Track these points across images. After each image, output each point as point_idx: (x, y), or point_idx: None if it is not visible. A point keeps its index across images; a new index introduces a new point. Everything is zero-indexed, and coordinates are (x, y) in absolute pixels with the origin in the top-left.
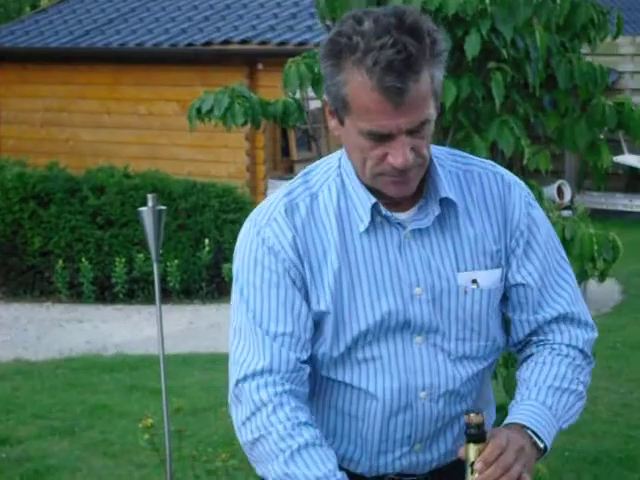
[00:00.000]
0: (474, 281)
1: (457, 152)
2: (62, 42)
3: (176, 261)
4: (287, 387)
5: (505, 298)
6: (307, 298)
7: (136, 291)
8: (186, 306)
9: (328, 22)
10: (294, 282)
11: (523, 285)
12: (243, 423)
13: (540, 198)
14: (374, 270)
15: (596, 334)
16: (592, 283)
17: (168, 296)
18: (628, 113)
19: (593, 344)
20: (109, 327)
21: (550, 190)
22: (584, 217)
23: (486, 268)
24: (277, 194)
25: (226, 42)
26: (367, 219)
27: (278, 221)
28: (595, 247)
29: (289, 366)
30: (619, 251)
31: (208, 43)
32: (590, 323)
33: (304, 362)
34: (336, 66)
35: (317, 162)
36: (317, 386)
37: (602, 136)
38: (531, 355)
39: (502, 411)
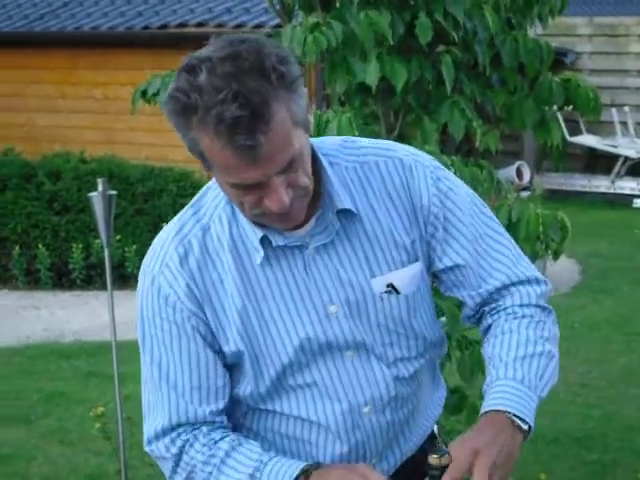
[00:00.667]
0: (390, 285)
1: (350, 140)
2: (16, 26)
3: (134, 246)
4: (197, 426)
5: (443, 282)
6: (214, 344)
7: (94, 277)
8: None
9: (277, 6)
10: (197, 331)
11: (456, 266)
12: (171, 475)
13: (491, 177)
14: (283, 298)
15: (549, 286)
16: (550, 263)
17: (127, 281)
18: (575, 89)
19: (547, 296)
20: (67, 313)
21: (509, 171)
22: (536, 198)
23: (403, 265)
24: (170, 230)
25: (182, 25)
26: (261, 252)
27: (170, 267)
28: (541, 228)
29: (199, 420)
30: (567, 231)
31: (164, 26)
32: (540, 278)
33: (219, 413)
34: (183, 124)
35: (207, 185)
36: (256, 419)
37: (559, 116)
38: (489, 328)
39: (457, 393)
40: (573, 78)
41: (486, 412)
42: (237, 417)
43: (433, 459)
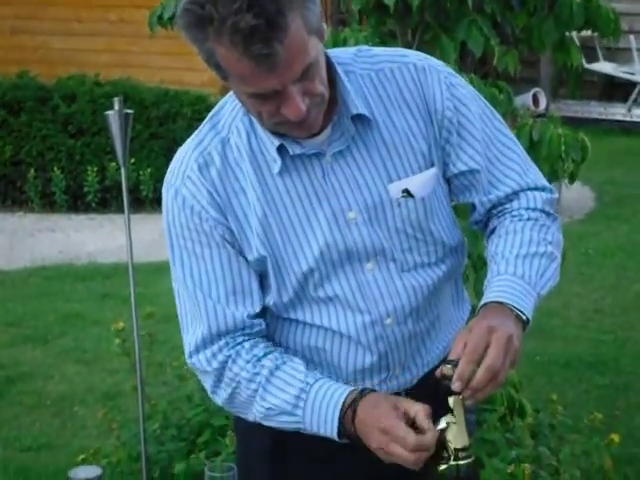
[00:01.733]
0: (405, 190)
1: (364, 49)
2: None
3: (149, 170)
4: (239, 339)
5: (455, 187)
6: (242, 251)
7: (109, 200)
8: (159, 215)
9: None
10: (224, 239)
11: (469, 171)
12: (213, 391)
13: (509, 99)
14: (302, 206)
15: (555, 195)
16: (565, 190)
17: (141, 205)
18: (596, 10)
19: (554, 203)
20: (82, 236)
21: (525, 98)
22: (556, 120)
23: (420, 170)
24: (188, 146)
25: None
26: (279, 161)
27: (192, 179)
28: (563, 147)
29: (238, 325)
30: (588, 151)
31: None
32: (547, 186)
33: (256, 316)
34: (198, 36)
35: (224, 99)
36: (280, 329)
37: (576, 40)
38: (494, 229)
39: (472, 314)
40: (595, 0)
41: (486, 304)
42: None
43: (447, 369)
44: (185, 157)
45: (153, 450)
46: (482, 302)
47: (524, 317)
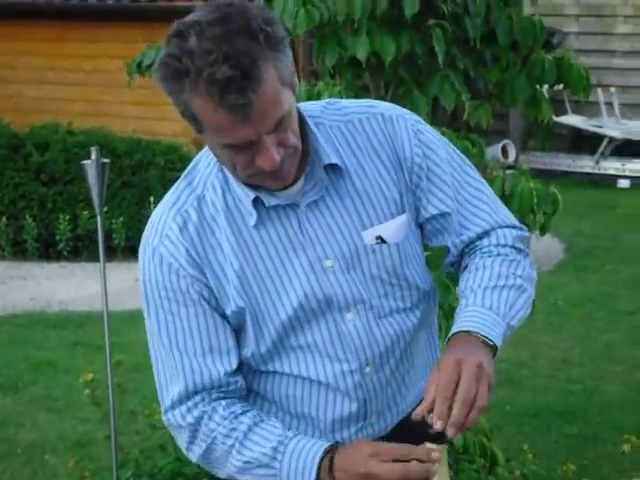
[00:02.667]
0: (379, 237)
1: (332, 102)
2: None
3: (121, 218)
4: (215, 396)
5: (428, 231)
6: (219, 307)
7: (81, 248)
8: (132, 263)
9: None
10: (201, 295)
11: (441, 214)
12: (187, 447)
13: (481, 152)
14: (279, 256)
15: (526, 233)
16: (534, 241)
17: (113, 253)
18: (567, 68)
19: (525, 241)
20: (53, 284)
21: (495, 150)
22: (525, 173)
23: (392, 216)
24: (165, 204)
25: None
26: (254, 214)
27: (171, 237)
28: (535, 200)
29: (214, 383)
30: (559, 204)
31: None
32: (517, 224)
33: (233, 373)
34: (175, 88)
35: (198, 156)
36: (260, 381)
37: (547, 95)
38: (466, 267)
39: None
40: (566, 56)
41: (453, 334)
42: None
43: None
44: (163, 216)
45: None
46: (450, 334)
47: (491, 343)
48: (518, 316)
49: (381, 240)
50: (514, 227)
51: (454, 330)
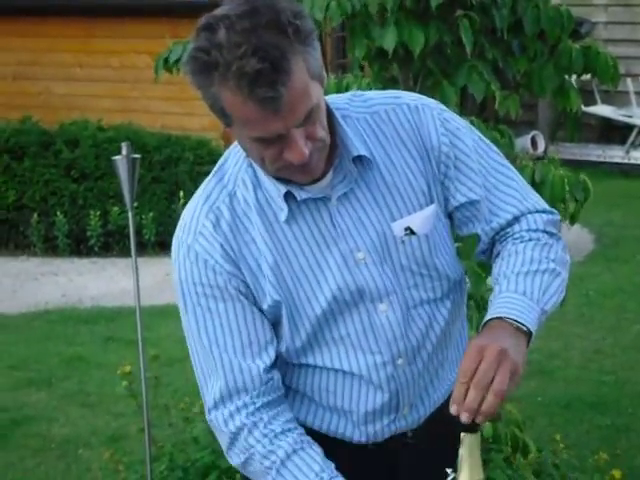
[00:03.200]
0: (408, 228)
1: (358, 94)
2: None
3: (151, 213)
4: (258, 403)
5: (458, 219)
6: (256, 300)
7: (111, 244)
8: (162, 258)
9: None
10: (239, 291)
11: (470, 202)
12: (226, 451)
13: (510, 143)
14: (312, 251)
15: (557, 216)
16: (565, 231)
17: (143, 249)
18: (595, 56)
19: (557, 224)
20: (84, 280)
21: (524, 141)
22: (555, 162)
23: (420, 207)
24: (197, 201)
25: None
26: (285, 209)
27: (205, 235)
28: (566, 187)
29: (255, 381)
30: (590, 192)
31: None
32: (548, 209)
33: (271, 368)
34: (204, 82)
35: (227, 152)
36: (294, 375)
37: (575, 85)
38: (498, 253)
39: None
40: (593, 45)
41: (487, 321)
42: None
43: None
44: (195, 213)
45: None
46: (485, 319)
47: (524, 328)
48: (552, 300)
49: (410, 231)
50: (544, 211)
51: (487, 317)
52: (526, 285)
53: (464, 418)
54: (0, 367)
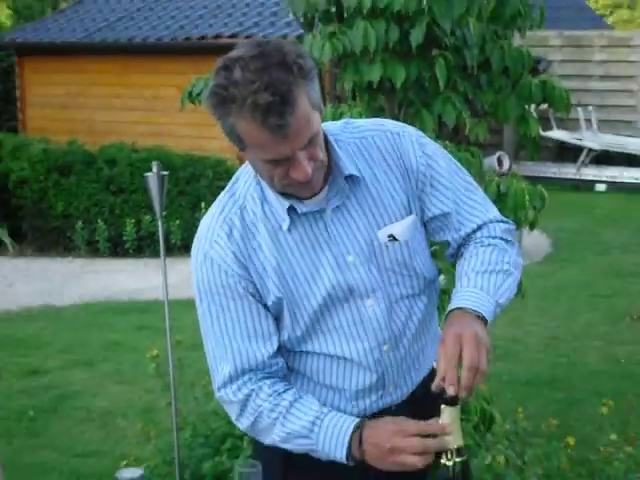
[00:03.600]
0: (391, 235)
1: (349, 122)
2: (78, 37)
3: (177, 221)
4: (261, 376)
5: (432, 228)
6: (261, 299)
7: (144, 247)
8: (186, 259)
9: (301, 19)
10: (247, 290)
11: (442, 214)
12: (237, 419)
13: (479, 162)
14: (309, 254)
15: (512, 226)
16: (526, 236)
17: (171, 251)
18: (550, 89)
19: (512, 233)
20: (121, 277)
21: (491, 160)
22: (517, 177)
23: (402, 217)
24: (212, 214)
25: (218, 37)
26: (287, 220)
27: (219, 243)
28: (526, 197)
29: (259, 364)
30: (546, 201)
31: (203, 37)
32: (505, 219)
33: (275, 355)
34: (223, 114)
35: (238, 172)
36: (295, 360)
37: (534, 113)
38: (461, 255)
39: None
40: (549, 80)
41: (451, 311)
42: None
43: (437, 384)
44: (211, 224)
45: (185, 455)
46: (447, 310)
47: (482, 316)
48: (505, 295)
49: (393, 238)
50: (502, 222)
51: (451, 307)
52: (483, 282)
53: (463, 395)
54: (52, 351)
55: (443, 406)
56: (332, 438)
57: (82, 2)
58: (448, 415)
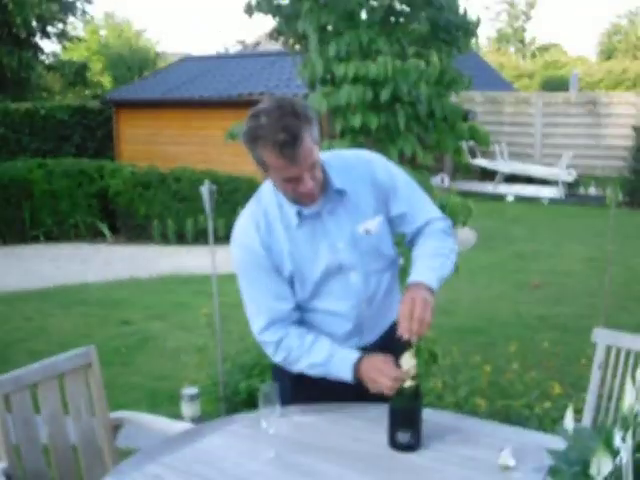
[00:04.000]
0: (366, 229)
1: (336, 152)
2: (156, 95)
3: (222, 220)
4: (286, 324)
5: (394, 224)
6: (279, 271)
7: (199, 238)
8: (228, 246)
9: (306, 81)
10: (271, 266)
11: (401, 214)
12: (273, 354)
13: (428, 180)
14: (312, 244)
15: (450, 222)
16: (460, 232)
17: (218, 241)
18: (476, 131)
19: (450, 227)
20: (184, 259)
21: (436, 179)
22: (454, 193)
23: (373, 217)
24: (245, 215)
25: (250, 94)
26: (296, 220)
27: (250, 235)
28: (458, 208)
29: (284, 316)
30: (471, 210)
31: (240, 95)
32: (445, 217)
33: (294, 309)
34: (253, 147)
35: (261, 187)
36: (303, 313)
37: (465, 147)
38: (415, 243)
39: None
40: (475, 125)
41: (410, 284)
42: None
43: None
44: (244, 223)
45: (227, 379)
46: (408, 282)
47: (430, 286)
48: (446, 272)
49: (367, 231)
50: (443, 219)
51: (409, 281)
52: (430, 263)
53: (414, 339)
54: (137, 308)
55: (406, 353)
56: (341, 366)
57: (159, 72)
58: (408, 354)
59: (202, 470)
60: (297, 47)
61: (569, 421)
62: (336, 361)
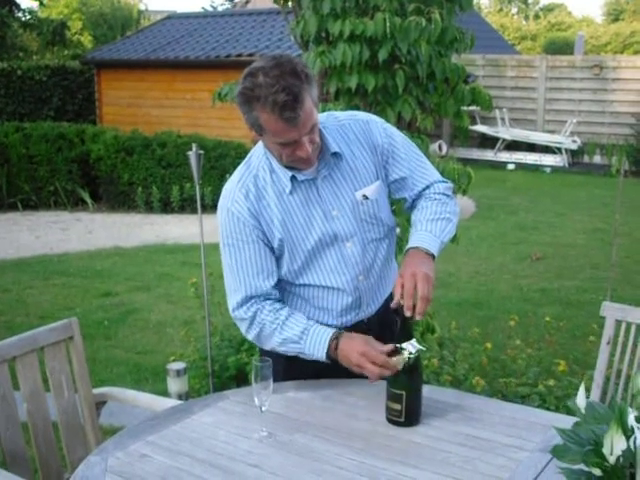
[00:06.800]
0: (364, 195)
1: (331, 114)
2: (139, 56)
3: (209, 187)
4: (262, 299)
5: (393, 189)
6: (268, 243)
7: (185, 206)
8: (214, 215)
9: (299, 40)
10: (258, 237)
11: (400, 178)
12: (246, 331)
13: (426, 146)
14: (305, 211)
15: (451, 184)
16: (459, 200)
17: (204, 209)
18: (478, 94)
19: (451, 190)
20: (169, 227)
21: (433, 146)
22: (452, 159)
23: (371, 182)
24: (232, 181)
25: (239, 55)
26: (289, 186)
27: (238, 202)
28: (457, 175)
29: (263, 293)
30: (472, 178)
31: (228, 56)
32: (446, 180)
33: (274, 287)
34: (249, 108)
35: (252, 151)
36: (295, 289)
37: (465, 111)
38: (415, 207)
39: None
40: (477, 87)
41: (409, 249)
42: (283, 290)
43: (397, 304)
44: (232, 188)
45: (215, 353)
46: (406, 248)
47: (431, 253)
48: (447, 237)
49: (365, 197)
50: (444, 182)
51: (409, 246)
52: (431, 227)
53: (418, 318)
54: (120, 279)
55: (405, 343)
56: (316, 344)
57: (142, 31)
58: (407, 326)
59: (190, 449)
60: (289, 4)
61: (581, 398)
62: (311, 337)
